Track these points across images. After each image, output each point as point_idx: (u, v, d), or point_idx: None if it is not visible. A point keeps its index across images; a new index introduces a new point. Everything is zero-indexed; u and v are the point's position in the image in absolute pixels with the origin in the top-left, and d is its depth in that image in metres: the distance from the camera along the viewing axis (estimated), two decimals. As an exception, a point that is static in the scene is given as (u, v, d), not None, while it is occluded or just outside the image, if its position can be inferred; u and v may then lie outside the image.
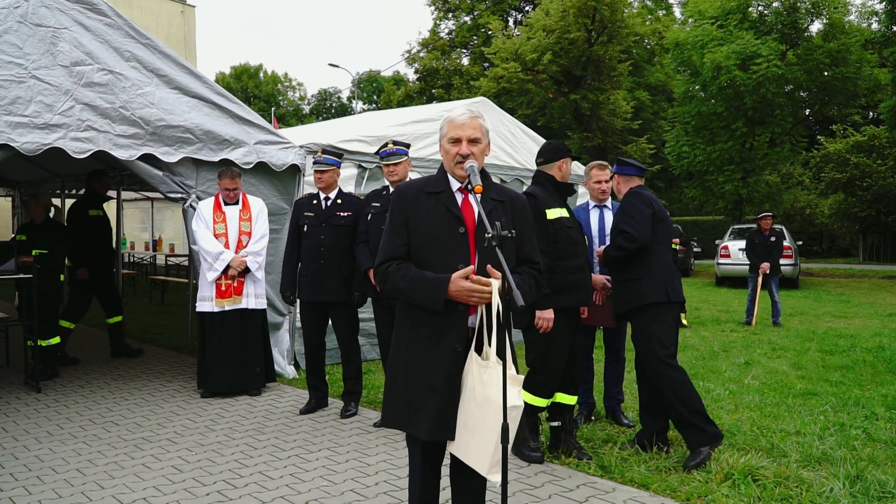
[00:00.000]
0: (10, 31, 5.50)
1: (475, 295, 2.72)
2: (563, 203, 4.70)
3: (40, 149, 5.60)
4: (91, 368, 7.54)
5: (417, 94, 37.06)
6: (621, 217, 4.83)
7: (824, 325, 11.27)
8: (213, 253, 6.18)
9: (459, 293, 2.73)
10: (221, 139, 6.54)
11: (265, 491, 4.16)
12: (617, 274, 4.89)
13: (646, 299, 4.67)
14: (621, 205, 4.94)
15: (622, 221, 4.79)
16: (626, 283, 4.79)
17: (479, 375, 2.76)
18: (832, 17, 22.02)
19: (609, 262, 4.90)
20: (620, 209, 4.91)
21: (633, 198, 4.86)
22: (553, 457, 4.72)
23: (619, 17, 25.47)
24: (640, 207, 4.79)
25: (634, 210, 4.79)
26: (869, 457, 4.67)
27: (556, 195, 4.66)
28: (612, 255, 4.84)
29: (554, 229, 4.48)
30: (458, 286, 2.73)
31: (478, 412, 2.74)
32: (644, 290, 4.69)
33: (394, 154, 5.32)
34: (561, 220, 4.55)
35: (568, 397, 4.75)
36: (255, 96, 57.28)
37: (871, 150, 28.94)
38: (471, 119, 2.93)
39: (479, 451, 2.72)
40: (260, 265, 6.39)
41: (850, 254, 32.93)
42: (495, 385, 2.67)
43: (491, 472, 2.69)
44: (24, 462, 4.64)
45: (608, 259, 4.89)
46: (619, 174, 5.13)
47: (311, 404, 5.91)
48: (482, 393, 2.73)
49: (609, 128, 27.27)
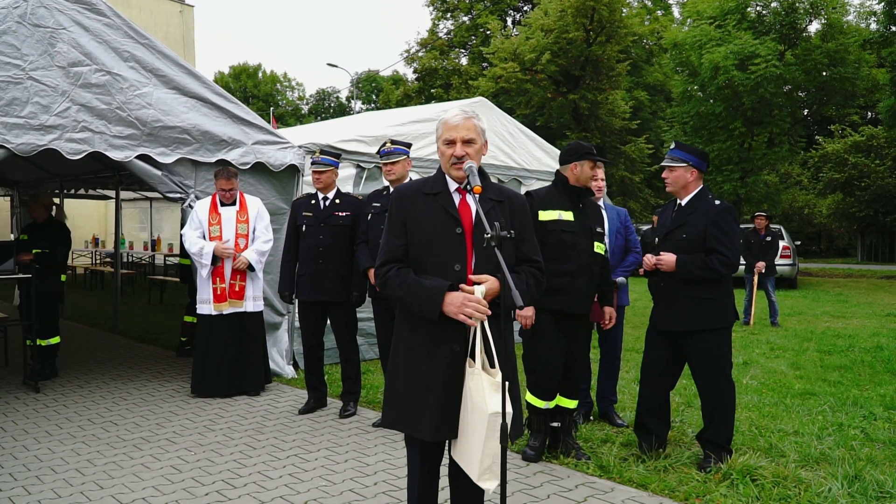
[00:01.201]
0: (9, 31, 5.50)
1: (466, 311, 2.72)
2: (572, 206, 4.61)
3: (35, 150, 5.61)
4: (90, 368, 7.54)
5: (416, 94, 37.06)
6: (717, 235, 4.35)
7: (822, 325, 11.28)
8: (195, 252, 6.20)
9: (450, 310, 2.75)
10: (219, 139, 6.54)
11: (264, 491, 4.16)
12: (687, 288, 4.42)
13: (726, 321, 4.45)
14: (715, 220, 4.40)
15: (718, 241, 4.34)
16: (700, 301, 4.40)
17: (468, 381, 2.77)
18: (830, 18, 22.02)
19: (688, 278, 4.39)
20: (714, 224, 4.38)
21: (727, 214, 4.42)
22: (551, 457, 4.73)
23: (617, 17, 25.48)
24: (735, 227, 4.42)
25: (731, 229, 4.39)
26: (867, 457, 4.68)
27: (565, 197, 4.62)
28: (696, 273, 4.34)
29: (546, 231, 4.45)
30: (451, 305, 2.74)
31: (469, 418, 2.75)
32: (722, 312, 4.43)
33: (392, 153, 5.33)
34: (557, 222, 4.51)
35: (568, 401, 4.77)
36: (254, 96, 57.21)
37: (870, 150, 28.99)
38: (464, 120, 2.93)
39: (470, 457, 2.73)
40: (262, 265, 6.40)
41: (848, 254, 32.98)
42: (480, 391, 2.69)
43: (482, 479, 2.69)
44: (24, 462, 4.64)
45: (688, 275, 4.36)
46: (694, 166, 4.52)
47: (309, 404, 5.91)
48: (470, 399, 2.75)
49: (607, 128, 27.26)
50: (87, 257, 19.74)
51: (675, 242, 4.49)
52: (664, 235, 4.59)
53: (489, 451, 2.68)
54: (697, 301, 4.41)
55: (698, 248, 4.41)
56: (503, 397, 2.62)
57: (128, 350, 8.64)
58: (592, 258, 4.60)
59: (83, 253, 19.69)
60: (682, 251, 4.43)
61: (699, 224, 4.43)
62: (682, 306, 4.45)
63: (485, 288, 2.76)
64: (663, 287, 4.55)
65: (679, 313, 4.46)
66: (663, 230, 4.62)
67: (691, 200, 4.54)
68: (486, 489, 2.71)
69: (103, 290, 15.71)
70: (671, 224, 4.57)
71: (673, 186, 4.59)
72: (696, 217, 4.46)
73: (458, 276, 2.84)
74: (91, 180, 11.17)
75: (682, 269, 4.38)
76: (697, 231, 4.43)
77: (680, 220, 4.53)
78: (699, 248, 4.41)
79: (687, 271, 4.37)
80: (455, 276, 2.84)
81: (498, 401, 2.65)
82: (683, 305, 4.44)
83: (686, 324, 4.44)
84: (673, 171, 4.56)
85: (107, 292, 14.84)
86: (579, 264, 4.51)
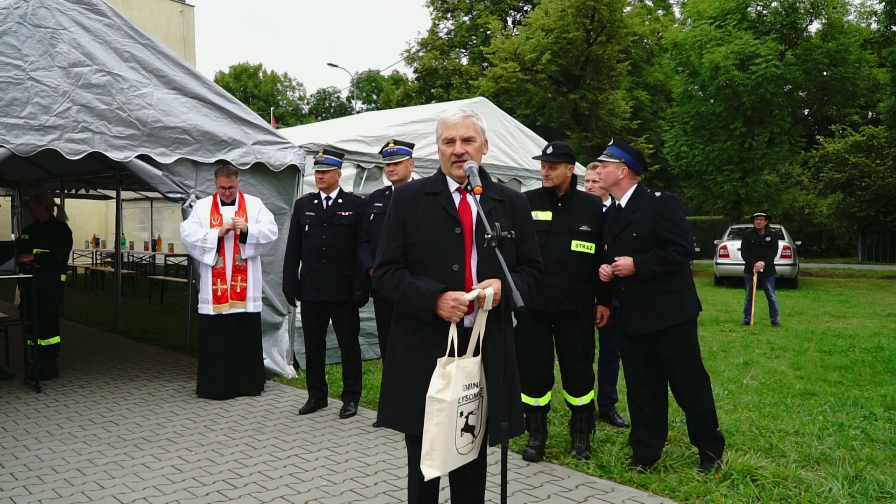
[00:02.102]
0: (10, 32, 5.50)
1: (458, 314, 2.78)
2: (551, 205, 4.70)
3: (34, 150, 5.61)
4: (91, 368, 7.54)
5: (416, 94, 37.05)
6: (667, 226, 4.34)
7: (823, 325, 11.28)
8: (199, 238, 6.14)
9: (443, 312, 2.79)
10: (219, 140, 6.55)
11: (265, 491, 4.16)
12: (648, 287, 4.36)
13: (690, 314, 4.38)
14: (661, 211, 4.38)
15: (670, 231, 4.32)
16: (662, 297, 4.34)
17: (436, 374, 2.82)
18: (831, 17, 22.01)
19: (650, 277, 4.33)
20: (662, 216, 4.37)
21: (673, 203, 4.41)
22: (551, 457, 4.73)
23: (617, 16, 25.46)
24: (682, 214, 4.39)
25: (679, 218, 4.37)
26: (868, 457, 4.68)
27: (545, 198, 4.74)
28: (656, 270, 4.29)
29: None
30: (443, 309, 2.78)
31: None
32: (686, 305, 4.37)
33: (395, 153, 5.33)
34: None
35: (572, 398, 4.81)
36: (255, 96, 57.23)
37: (870, 150, 28.97)
38: (463, 118, 2.94)
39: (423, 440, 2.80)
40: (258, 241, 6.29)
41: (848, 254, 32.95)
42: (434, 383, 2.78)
43: (423, 463, 2.76)
44: (25, 461, 4.64)
45: (649, 274, 4.30)
46: (626, 164, 4.51)
47: (310, 404, 5.91)
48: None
49: (608, 127, 27.26)
50: (88, 257, 19.76)
51: (626, 244, 4.44)
52: (613, 239, 4.52)
53: (428, 435, 2.74)
54: (664, 297, 4.35)
55: (650, 244, 4.37)
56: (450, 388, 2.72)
57: (128, 350, 8.65)
58: (569, 256, 4.60)
59: (84, 253, 19.71)
60: (635, 250, 4.38)
61: (646, 219, 4.40)
62: (648, 306, 4.38)
63: (492, 290, 2.77)
64: (626, 291, 4.47)
65: (647, 314, 4.38)
66: (610, 234, 4.55)
67: (631, 198, 4.52)
68: (426, 476, 2.77)
69: (104, 290, 15.72)
70: (617, 226, 4.51)
71: (603, 182, 4.65)
72: (642, 213, 4.43)
73: (456, 277, 2.85)
74: (92, 180, 11.17)
75: (641, 270, 4.32)
76: (646, 227, 4.39)
77: (626, 219, 4.48)
78: (651, 245, 4.37)
79: (647, 271, 4.30)
80: (453, 277, 2.85)
81: (437, 385, 2.74)
82: (650, 305, 4.37)
83: (658, 322, 4.35)
84: (605, 167, 4.57)
85: (107, 292, 14.85)
86: (550, 262, 4.43)
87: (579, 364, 4.73)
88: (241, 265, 6.30)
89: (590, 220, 4.70)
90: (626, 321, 4.51)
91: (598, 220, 4.71)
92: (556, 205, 4.72)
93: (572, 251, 4.61)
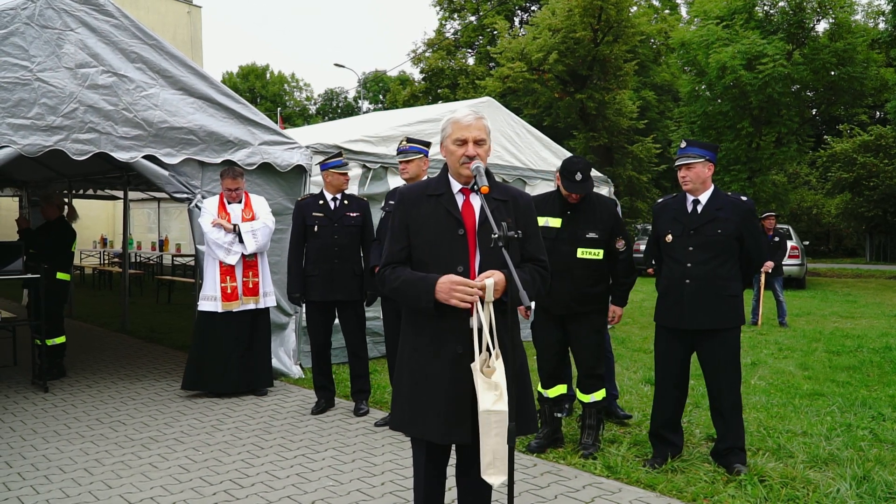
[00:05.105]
0: (17, 32, 5.52)
1: (456, 295, 2.71)
2: (560, 213, 4.76)
3: (41, 151, 5.64)
4: (98, 368, 7.57)
5: (423, 94, 37.09)
6: (753, 236, 4.50)
7: (831, 326, 11.23)
8: (228, 241, 6.16)
9: (440, 295, 2.74)
10: (225, 140, 6.56)
11: (272, 491, 4.17)
12: (716, 286, 4.42)
13: (743, 320, 4.52)
14: (751, 225, 4.52)
15: (754, 243, 4.50)
16: (725, 299, 4.42)
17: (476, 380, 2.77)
18: (838, 17, 21.94)
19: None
20: (750, 232, 4.49)
21: (753, 215, 4.55)
22: (559, 457, 4.72)
23: (624, 16, 25.46)
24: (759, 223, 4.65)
25: (759, 229, 4.55)
26: (876, 457, 4.66)
27: (557, 204, 4.81)
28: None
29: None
30: (441, 291, 2.73)
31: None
32: (741, 311, 4.51)
33: (407, 151, 5.34)
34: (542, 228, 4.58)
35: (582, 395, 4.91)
36: (262, 96, 57.38)
37: (878, 150, 28.86)
38: (476, 120, 2.93)
39: (481, 452, 2.75)
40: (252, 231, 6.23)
41: (856, 254, 32.83)
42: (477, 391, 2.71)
43: (486, 474, 2.71)
44: (32, 461, 4.66)
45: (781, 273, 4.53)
46: (710, 161, 4.53)
47: (321, 405, 5.90)
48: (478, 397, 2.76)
49: (615, 127, 27.24)
50: (96, 257, 19.82)
51: (708, 238, 4.43)
52: (692, 231, 4.47)
53: (488, 447, 2.70)
54: (726, 299, 4.40)
55: (732, 245, 4.43)
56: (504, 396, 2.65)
57: (136, 350, 8.67)
58: (575, 263, 4.71)
59: (91, 253, 19.77)
60: (714, 248, 4.41)
61: (734, 221, 4.42)
62: (711, 304, 4.40)
63: (493, 280, 2.74)
64: (690, 284, 4.45)
65: (709, 311, 4.39)
66: (680, 227, 4.50)
67: (712, 196, 4.52)
68: (492, 484, 2.73)
69: (111, 290, 15.77)
70: (695, 221, 4.48)
71: (693, 183, 4.51)
72: (728, 213, 4.43)
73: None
74: (99, 180, 11.21)
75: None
76: (734, 227, 4.42)
77: (710, 215, 4.46)
78: (732, 245, 4.43)
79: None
80: None
81: (490, 398, 2.68)
82: (713, 304, 4.39)
83: (717, 321, 4.40)
84: (692, 168, 4.49)
85: (115, 292, 14.90)
86: (556, 268, 4.37)
87: (589, 360, 4.82)
88: (252, 260, 6.30)
89: (599, 226, 4.76)
90: (681, 314, 4.47)
91: (609, 225, 4.79)
92: (566, 212, 4.76)
93: (577, 258, 4.73)
